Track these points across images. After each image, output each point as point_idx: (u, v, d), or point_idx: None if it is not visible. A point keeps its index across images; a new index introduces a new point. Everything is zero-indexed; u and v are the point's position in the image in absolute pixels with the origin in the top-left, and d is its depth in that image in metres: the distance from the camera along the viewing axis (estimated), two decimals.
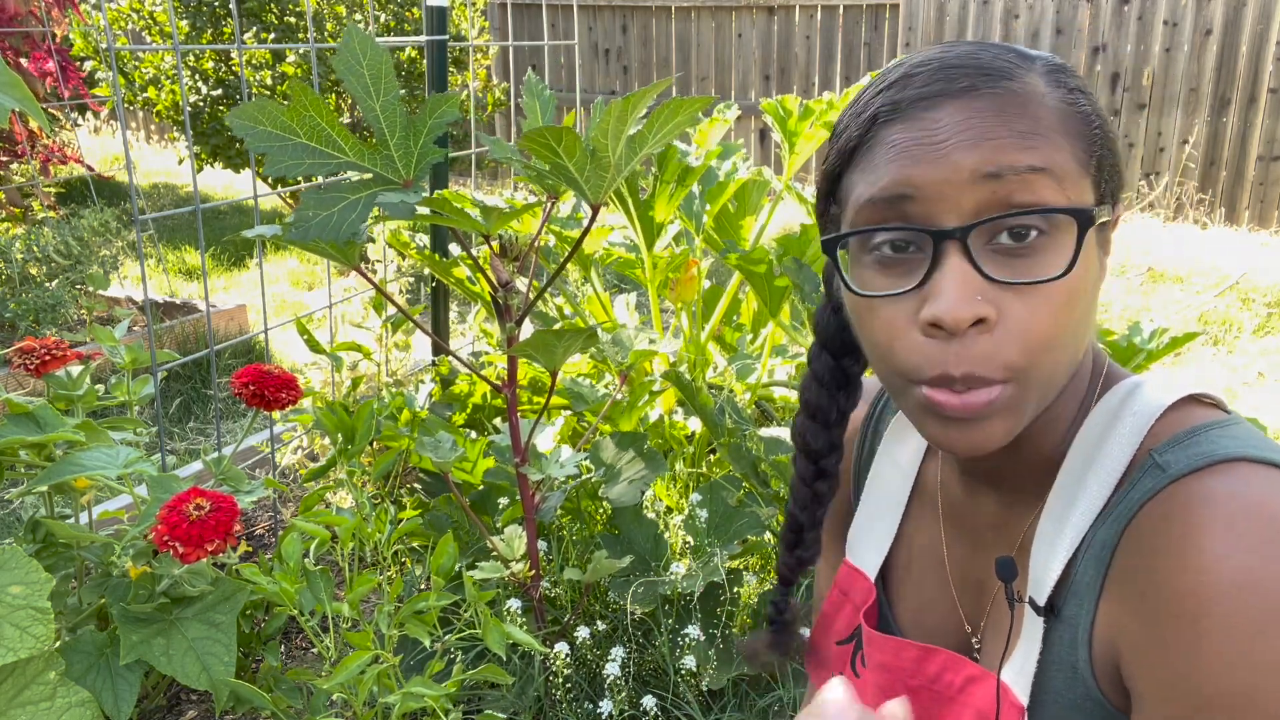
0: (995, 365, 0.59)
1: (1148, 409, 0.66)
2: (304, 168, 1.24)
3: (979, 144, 0.58)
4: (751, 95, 6.63)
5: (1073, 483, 0.67)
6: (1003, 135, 0.58)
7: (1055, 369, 0.62)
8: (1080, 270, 0.60)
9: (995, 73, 0.61)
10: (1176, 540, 0.58)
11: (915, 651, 0.76)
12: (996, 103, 0.59)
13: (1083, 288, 0.61)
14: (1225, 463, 0.60)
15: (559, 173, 1.24)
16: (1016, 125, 0.59)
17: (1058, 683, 0.66)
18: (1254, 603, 0.55)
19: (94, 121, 8.29)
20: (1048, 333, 0.59)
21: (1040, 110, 0.60)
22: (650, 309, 2.69)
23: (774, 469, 1.78)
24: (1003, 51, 0.64)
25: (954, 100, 0.60)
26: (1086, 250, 0.60)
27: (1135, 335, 1.95)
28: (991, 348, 0.59)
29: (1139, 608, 0.60)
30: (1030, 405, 0.62)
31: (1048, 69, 0.64)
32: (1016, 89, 0.60)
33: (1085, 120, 0.63)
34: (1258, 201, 5.51)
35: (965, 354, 0.59)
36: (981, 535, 0.76)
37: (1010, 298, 0.59)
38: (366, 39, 1.24)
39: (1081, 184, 0.61)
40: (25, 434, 1.45)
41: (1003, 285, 0.59)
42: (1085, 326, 0.63)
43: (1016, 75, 0.61)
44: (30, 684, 1.20)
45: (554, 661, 1.59)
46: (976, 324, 0.59)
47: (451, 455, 1.54)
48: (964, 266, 0.59)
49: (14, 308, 3.19)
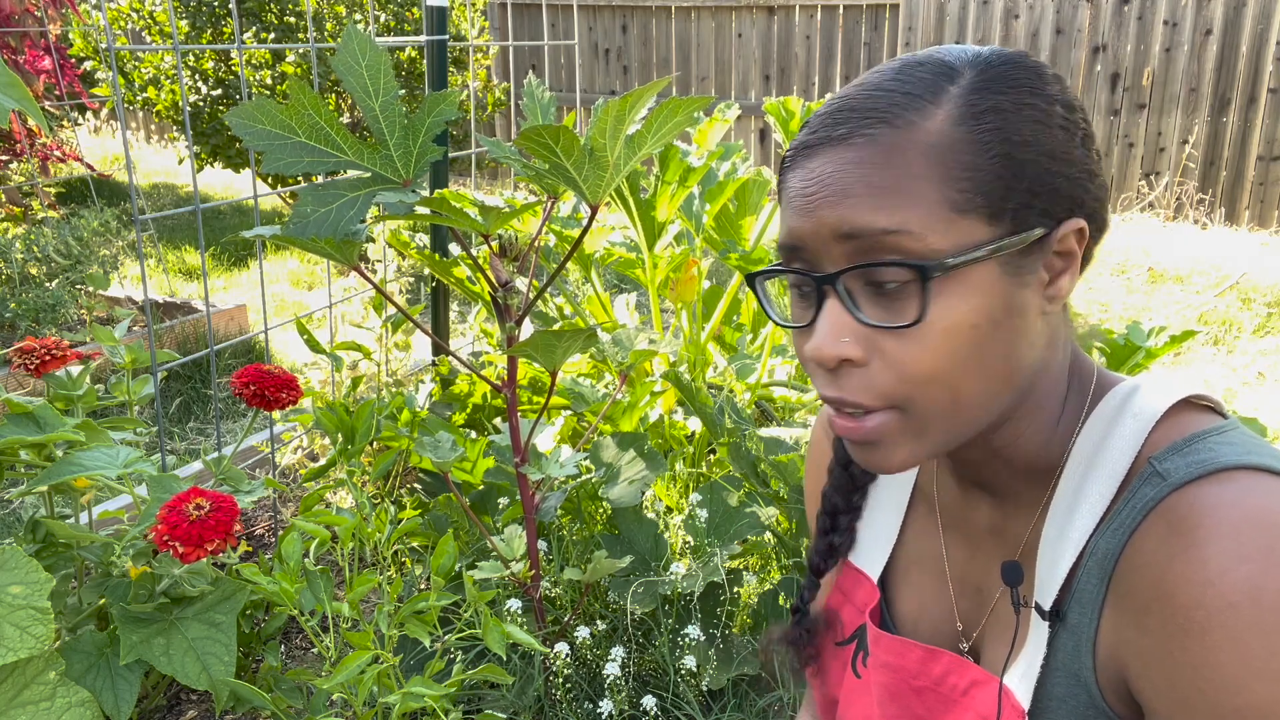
0: (870, 395, 0.63)
1: (1147, 411, 0.66)
2: (303, 166, 1.24)
3: (838, 203, 0.62)
4: (751, 95, 6.63)
5: (1074, 488, 0.67)
6: (859, 193, 0.62)
7: (954, 399, 0.63)
8: (941, 315, 0.61)
9: (876, 116, 0.63)
10: (1180, 552, 0.58)
11: (920, 653, 0.76)
12: (863, 153, 0.62)
13: (961, 327, 0.61)
14: (1225, 471, 0.60)
15: (557, 172, 1.24)
16: (875, 179, 0.61)
17: (1060, 689, 0.66)
18: (1262, 614, 0.55)
19: (94, 121, 8.29)
20: (926, 368, 0.62)
21: (907, 158, 0.61)
22: (650, 309, 2.69)
23: (774, 469, 1.78)
24: (910, 81, 0.64)
25: (829, 149, 0.64)
26: (960, 292, 0.61)
27: (1135, 334, 1.95)
28: (865, 381, 0.64)
29: (1144, 621, 0.60)
30: (935, 432, 0.65)
31: (970, 90, 0.63)
32: (887, 138, 0.62)
33: (987, 150, 0.61)
34: (1258, 201, 5.51)
35: (844, 384, 0.64)
36: (979, 539, 0.77)
37: (885, 336, 0.62)
38: (366, 39, 1.24)
39: (957, 225, 0.61)
40: (25, 434, 1.45)
41: (872, 326, 0.63)
42: (999, 362, 0.63)
43: (901, 116, 0.62)
44: (30, 684, 1.20)
45: (554, 661, 1.59)
46: (847, 362, 0.64)
47: (451, 455, 1.54)
48: (837, 309, 0.64)
49: (14, 308, 3.19)
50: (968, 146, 0.61)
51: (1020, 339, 0.64)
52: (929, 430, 0.64)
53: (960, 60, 0.65)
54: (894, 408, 0.64)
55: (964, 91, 0.63)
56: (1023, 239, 0.62)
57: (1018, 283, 0.63)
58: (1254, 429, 1.79)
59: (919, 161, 0.61)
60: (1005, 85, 0.63)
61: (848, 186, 0.62)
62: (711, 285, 2.69)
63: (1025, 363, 0.65)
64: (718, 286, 2.68)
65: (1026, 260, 0.63)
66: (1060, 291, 0.65)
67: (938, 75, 0.64)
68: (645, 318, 2.94)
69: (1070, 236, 0.64)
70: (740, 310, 2.66)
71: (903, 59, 0.66)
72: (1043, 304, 0.65)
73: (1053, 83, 0.65)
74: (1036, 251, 0.63)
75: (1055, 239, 0.64)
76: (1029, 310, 0.64)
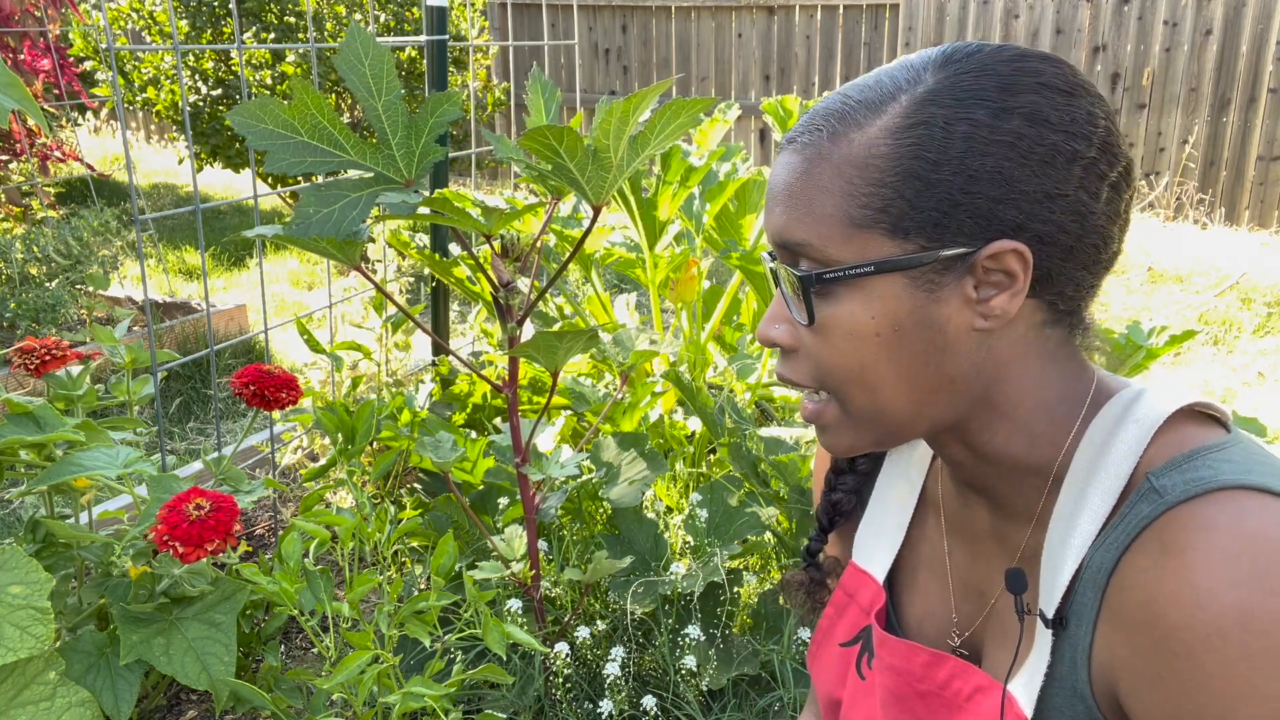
0: (800, 376, 0.71)
1: (1150, 417, 0.66)
2: (305, 166, 1.24)
3: (772, 209, 0.69)
4: (751, 95, 6.63)
5: (1077, 493, 0.67)
6: (782, 202, 0.68)
7: (876, 400, 0.68)
8: (841, 319, 0.66)
9: (825, 125, 0.66)
10: (1171, 573, 0.58)
11: (926, 656, 0.76)
12: (795, 160, 0.67)
13: (862, 332, 0.66)
14: (1222, 491, 0.59)
15: (561, 173, 1.24)
16: (795, 188, 0.67)
17: (1060, 699, 0.66)
18: (1252, 640, 0.54)
19: (94, 121, 8.29)
20: (833, 365, 0.68)
21: (821, 171, 0.65)
22: (650, 309, 2.69)
23: (774, 469, 1.78)
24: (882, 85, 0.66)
25: (786, 150, 0.69)
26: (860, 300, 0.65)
27: (1135, 334, 1.95)
28: (794, 364, 0.71)
29: (1135, 640, 0.60)
30: (869, 428, 0.70)
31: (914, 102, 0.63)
32: (819, 148, 0.66)
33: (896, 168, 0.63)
34: (1258, 201, 5.51)
35: (784, 363, 0.72)
36: (981, 543, 0.77)
37: (805, 330, 0.69)
38: (369, 38, 1.24)
39: (857, 239, 0.64)
40: (25, 434, 1.45)
41: (794, 321, 0.70)
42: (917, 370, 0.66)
43: (840, 126, 0.65)
44: (30, 684, 1.20)
45: (554, 661, 1.59)
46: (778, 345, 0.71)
47: (451, 455, 1.54)
48: (779, 298, 0.71)
49: (14, 308, 3.19)
50: (880, 163, 0.63)
51: (940, 351, 0.65)
52: (863, 423, 0.70)
53: (935, 65, 0.65)
54: (829, 397, 0.70)
55: (907, 104, 0.63)
56: (929, 256, 0.63)
57: (931, 297, 0.64)
58: (1254, 429, 1.78)
59: (829, 176, 0.65)
60: (951, 97, 0.62)
61: (776, 194, 0.69)
62: (711, 285, 2.69)
63: (955, 373, 0.66)
64: (718, 286, 2.68)
65: (944, 276, 0.63)
66: (994, 310, 0.64)
67: (900, 83, 0.65)
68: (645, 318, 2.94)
69: (1006, 256, 0.63)
70: (740, 310, 2.66)
71: (904, 59, 0.67)
72: (973, 319, 0.65)
73: (1026, 95, 0.62)
74: (954, 268, 0.63)
75: (980, 258, 0.63)
76: (949, 324, 0.65)
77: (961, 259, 0.63)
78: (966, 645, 0.78)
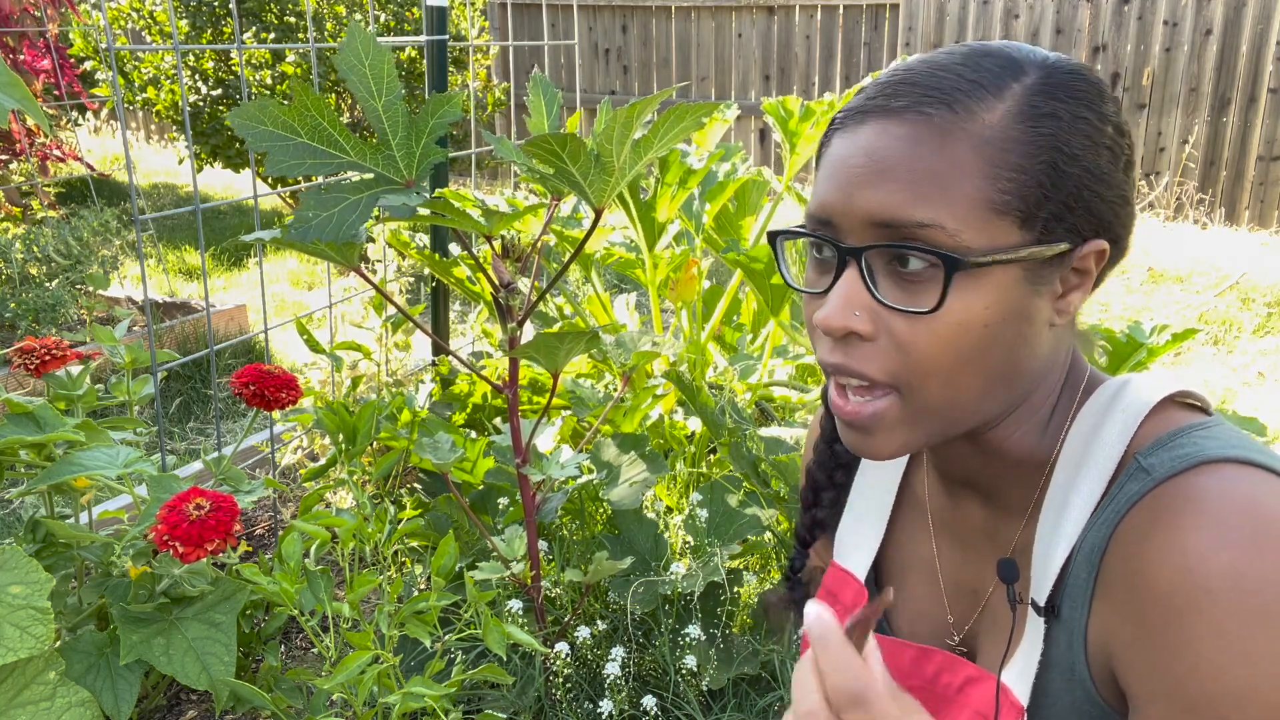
0: (874, 368, 0.63)
1: (1136, 405, 0.67)
2: (305, 167, 1.24)
3: (878, 184, 0.61)
4: (751, 95, 6.63)
5: (1066, 482, 0.68)
6: (900, 177, 0.61)
7: (952, 393, 0.64)
8: (958, 308, 0.61)
9: (938, 96, 0.62)
10: (1161, 540, 0.59)
11: (913, 652, 0.76)
12: (916, 131, 0.61)
13: (973, 323, 0.62)
14: (1209, 464, 0.61)
15: (563, 177, 1.24)
16: (921, 163, 0.61)
17: (1057, 684, 0.67)
18: (1243, 600, 0.55)
19: (94, 121, 8.29)
20: (932, 356, 0.62)
21: (958, 147, 0.61)
22: (650, 309, 2.69)
23: (774, 469, 1.78)
24: (978, 69, 0.63)
25: (881, 119, 0.63)
26: (980, 289, 0.61)
27: (1136, 333, 1.95)
28: (870, 354, 0.64)
29: (1128, 609, 0.61)
30: (926, 426, 0.65)
31: (1033, 90, 0.62)
32: (945, 121, 0.61)
33: (1037, 155, 0.61)
34: (1258, 201, 5.51)
35: (850, 353, 0.64)
36: (971, 540, 0.77)
37: (896, 317, 0.62)
38: (369, 38, 1.24)
39: (992, 225, 0.61)
40: (25, 434, 1.45)
41: (886, 306, 0.63)
42: (1000, 363, 0.64)
43: (963, 101, 0.61)
44: (30, 684, 1.20)
45: (554, 661, 1.59)
46: (854, 334, 0.64)
47: (451, 456, 1.54)
48: (855, 282, 0.63)
49: (14, 308, 3.19)
50: (1019, 147, 0.61)
51: (1024, 345, 0.65)
52: (923, 420, 0.65)
53: (1028, 59, 0.64)
54: (894, 389, 0.64)
55: (1027, 91, 0.63)
56: (1048, 250, 0.62)
57: (1033, 291, 0.63)
58: (1254, 429, 1.79)
59: (968, 153, 0.61)
60: (1066, 94, 0.63)
61: (890, 166, 0.61)
62: (711, 285, 2.69)
63: (1025, 369, 0.66)
64: (718, 286, 2.68)
65: (1046, 271, 0.64)
66: (1069, 306, 0.66)
67: (1004, 69, 0.63)
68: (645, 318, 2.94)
69: (1090, 256, 0.65)
70: (740, 310, 2.66)
71: (969, 46, 0.66)
72: (1052, 315, 0.65)
73: (1110, 103, 0.65)
74: (1057, 264, 0.64)
75: (1077, 255, 0.64)
76: (1038, 319, 0.65)
77: (1066, 254, 0.64)
78: (965, 643, 0.78)
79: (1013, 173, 0.61)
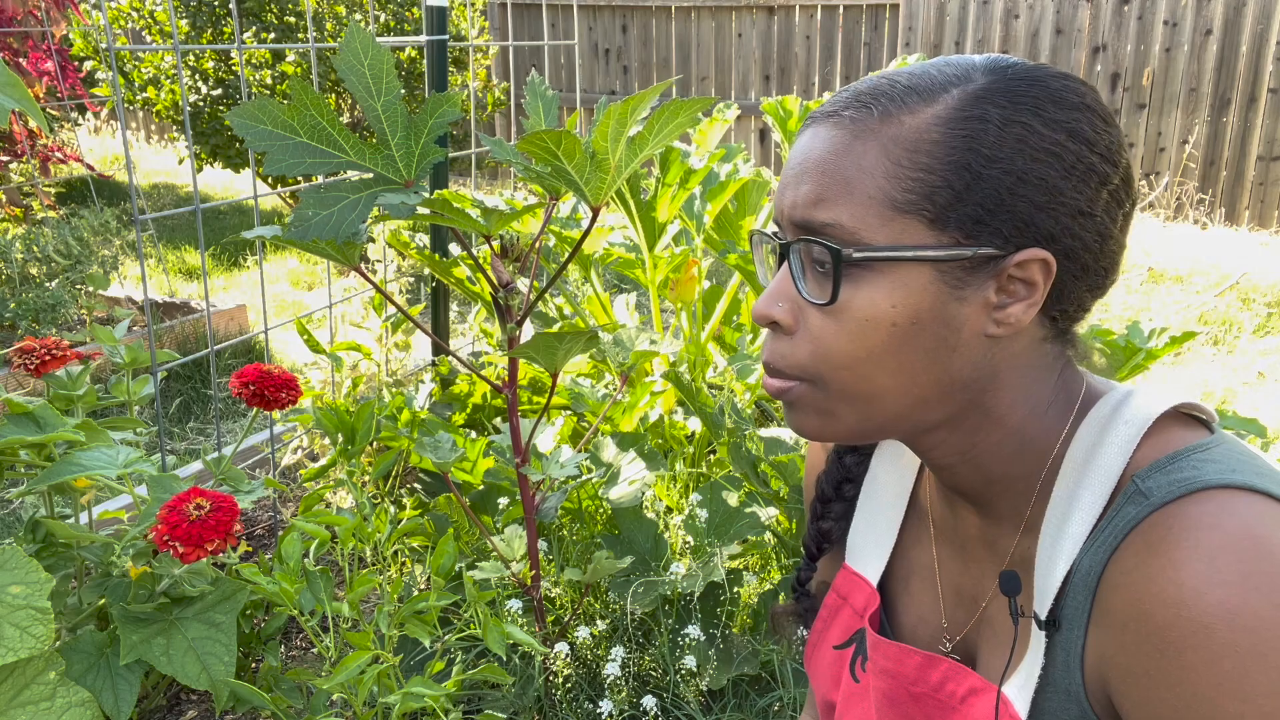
0: (787, 363, 0.67)
1: (1139, 417, 0.66)
2: (304, 167, 1.24)
3: (797, 184, 0.66)
4: (751, 95, 6.63)
5: (1069, 494, 0.67)
6: (813, 178, 0.65)
7: (867, 390, 0.66)
8: (862, 304, 0.64)
9: (871, 103, 0.64)
10: (1158, 572, 0.59)
11: (919, 659, 0.76)
12: (835, 134, 0.65)
13: (879, 320, 0.63)
14: (1206, 491, 0.60)
15: (559, 175, 1.24)
16: (831, 164, 0.64)
17: (1054, 702, 0.67)
18: (1237, 636, 0.55)
19: (94, 121, 8.29)
20: (840, 350, 0.65)
21: (865, 149, 0.63)
22: (650, 309, 2.69)
23: (774, 469, 1.78)
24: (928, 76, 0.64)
25: (820, 124, 0.67)
26: (884, 286, 0.63)
27: (1135, 335, 1.95)
28: (787, 348, 0.68)
29: (1123, 639, 0.61)
30: (845, 415, 0.68)
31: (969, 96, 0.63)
32: (864, 124, 0.64)
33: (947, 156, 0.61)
34: (1258, 201, 5.51)
35: (771, 347, 0.69)
36: (971, 550, 0.77)
37: (812, 311, 0.66)
38: (368, 38, 1.24)
39: (895, 223, 0.62)
40: (25, 434, 1.45)
41: (804, 299, 0.66)
42: (920, 367, 0.64)
43: (889, 108, 0.63)
44: (30, 684, 1.20)
45: (554, 661, 1.59)
46: (776, 324, 0.68)
47: (451, 455, 1.54)
48: (784, 276, 0.68)
49: (14, 308, 3.19)
50: (931, 148, 0.62)
51: (950, 352, 0.65)
52: (838, 411, 0.68)
53: (985, 67, 0.64)
54: (806, 380, 0.67)
55: (963, 96, 0.63)
56: (965, 253, 0.62)
57: (954, 295, 0.63)
58: (1254, 429, 1.79)
59: (875, 154, 0.63)
60: (1006, 99, 0.63)
61: (809, 169, 0.65)
62: (711, 285, 2.69)
63: (957, 376, 0.66)
64: (718, 286, 2.68)
65: (970, 276, 0.63)
66: (1009, 318, 0.64)
67: (952, 78, 0.64)
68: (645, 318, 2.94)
69: (1032, 266, 0.63)
70: (740, 310, 2.66)
71: (946, 58, 0.67)
72: (986, 325, 0.64)
73: (1073, 110, 0.63)
74: (983, 270, 0.63)
75: (1010, 263, 0.63)
76: (964, 326, 0.64)
77: (992, 261, 0.63)
78: (958, 650, 0.78)
79: (920, 172, 0.62)
